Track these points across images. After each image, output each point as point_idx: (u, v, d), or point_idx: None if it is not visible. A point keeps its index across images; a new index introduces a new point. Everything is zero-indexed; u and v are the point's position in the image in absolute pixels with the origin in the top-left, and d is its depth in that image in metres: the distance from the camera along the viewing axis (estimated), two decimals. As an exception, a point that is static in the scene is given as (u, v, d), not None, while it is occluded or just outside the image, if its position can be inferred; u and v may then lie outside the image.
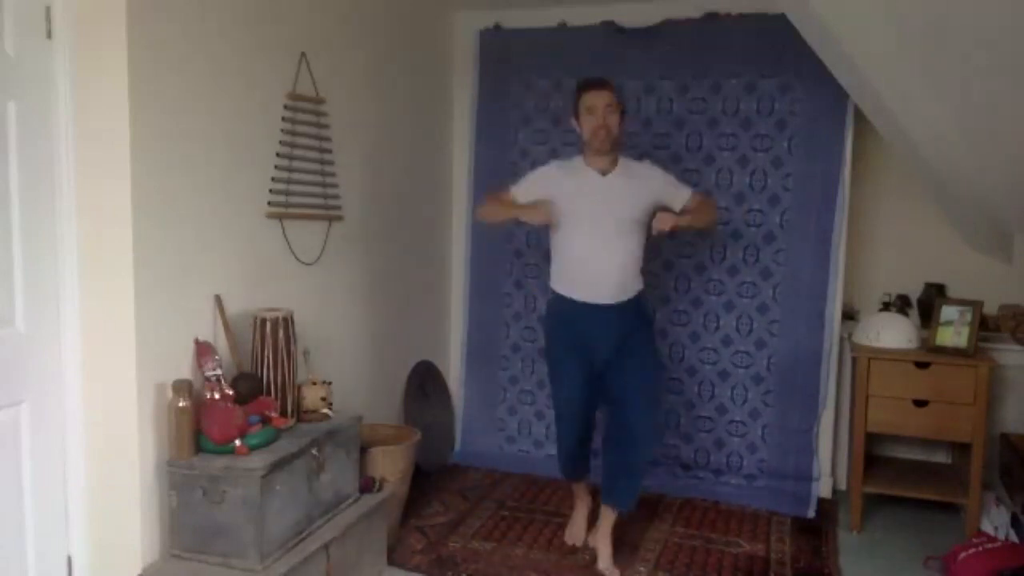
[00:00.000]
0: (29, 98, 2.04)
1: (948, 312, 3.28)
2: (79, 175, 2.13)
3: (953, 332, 3.24)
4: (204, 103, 2.35)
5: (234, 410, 2.24)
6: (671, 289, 3.78)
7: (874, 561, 3.03)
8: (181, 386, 2.19)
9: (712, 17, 3.62)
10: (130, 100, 2.08)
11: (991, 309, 3.47)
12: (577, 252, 2.77)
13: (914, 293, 3.76)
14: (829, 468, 3.68)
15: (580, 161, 2.83)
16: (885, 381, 3.23)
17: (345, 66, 3.10)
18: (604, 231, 2.73)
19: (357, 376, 3.26)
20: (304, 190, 2.85)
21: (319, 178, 2.94)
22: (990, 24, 2.13)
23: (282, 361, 2.47)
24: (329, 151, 3.00)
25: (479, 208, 3.07)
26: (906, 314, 3.62)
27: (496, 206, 2.90)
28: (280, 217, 2.73)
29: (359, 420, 2.74)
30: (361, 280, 3.31)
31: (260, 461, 2.19)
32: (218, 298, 2.43)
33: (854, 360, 3.40)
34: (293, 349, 2.52)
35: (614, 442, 2.86)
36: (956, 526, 3.31)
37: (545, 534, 3.16)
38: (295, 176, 2.79)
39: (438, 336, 4.13)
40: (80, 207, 2.14)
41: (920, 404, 3.20)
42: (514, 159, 3.98)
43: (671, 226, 2.68)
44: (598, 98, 2.72)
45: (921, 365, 3.20)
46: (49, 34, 2.08)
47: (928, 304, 3.56)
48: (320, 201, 2.95)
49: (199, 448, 2.23)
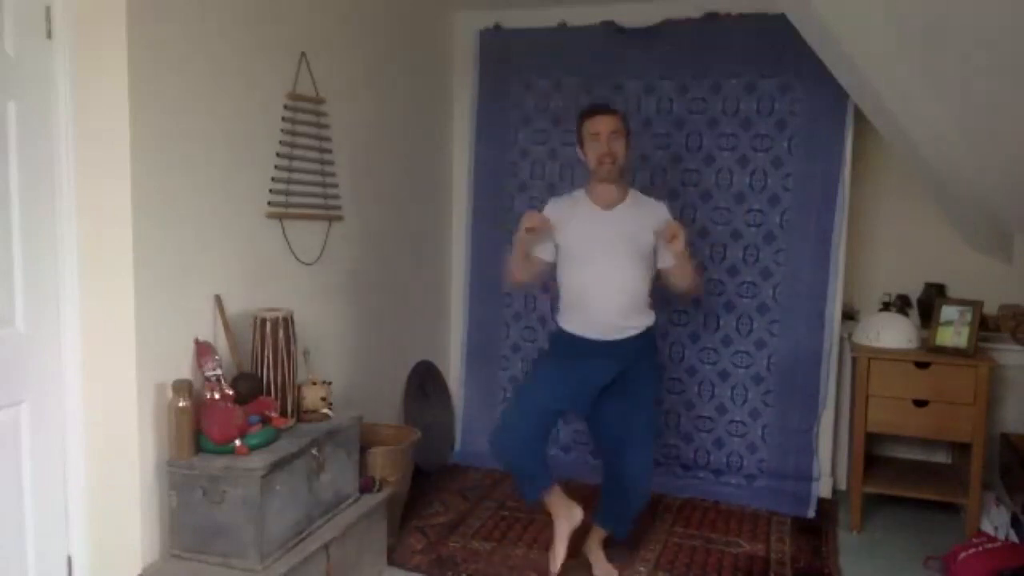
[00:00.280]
0: (29, 98, 2.04)
1: (948, 312, 3.29)
2: (79, 175, 2.14)
3: (953, 332, 3.24)
4: (204, 103, 2.35)
5: (234, 410, 2.25)
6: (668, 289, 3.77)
7: (874, 561, 3.03)
8: (181, 386, 2.19)
9: (712, 17, 3.62)
10: (130, 100, 2.08)
11: (991, 309, 3.47)
12: (583, 292, 2.66)
13: (914, 293, 3.76)
14: (829, 468, 3.68)
15: (581, 195, 2.72)
16: (885, 381, 3.23)
17: (345, 66, 3.10)
18: (611, 270, 2.62)
19: (357, 376, 3.26)
20: (304, 190, 2.85)
21: (319, 178, 2.94)
22: (990, 24, 2.13)
23: (282, 361, 2.47)
24: (329, 151, 3.00)
25: (505, 281, 3.01)
26: (906, 314, 3.62)
27: (511, 262, 2.75)
28: (280, 217, 2.73)
29: (359, 420, 2.74)
30: (362, 280, 3.31)
31: (260, 461, 2.19)
32: (218, 298, 2.43)
33: (854, 360, 3.40)
34: (293, 349, 2.52)
35: (610, 489, 2.79)
36: (956, 526, 3.31)
37: (545, 534, 3.15)
38: (295, 176, 2.79)
39: (438, 336, 4.13)
40: (80, 207, 2.14)
41: (920, 404, 3.20)
42: (514, 159, 3.98)
43: (676, 232, 2.52)
44: (602, 124, 2.60)
45: (921, 365, 3.20)
46: (49, 34, 2.08)
47: (928, 304, 3.56)
48: (320, 201, 2.95)
49: (199, 448, 2.23)
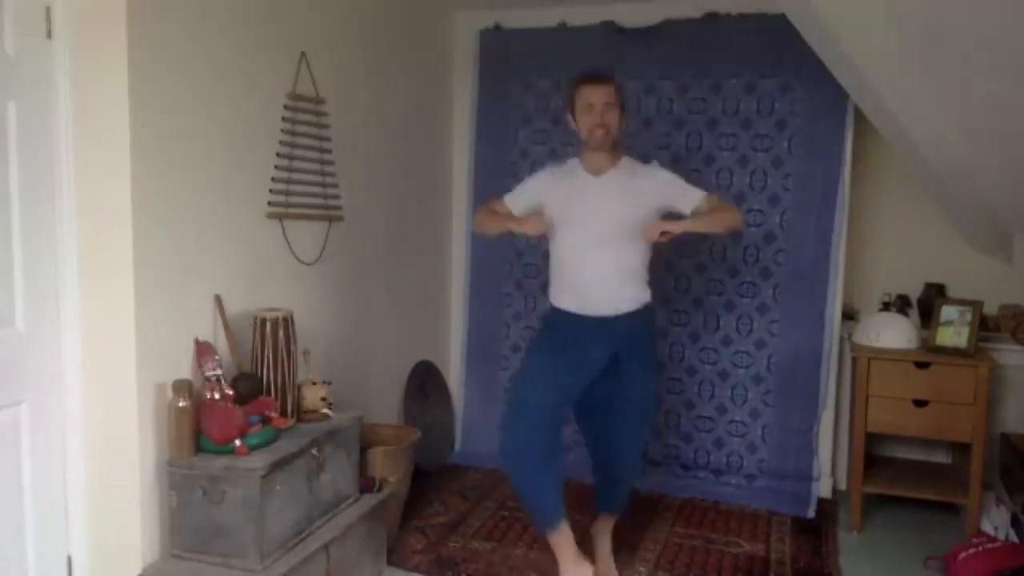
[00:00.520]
0: (29, 98, 2.04)
1: (948, 312, 3.28)
2: (79, 175, 2.14)
3: (953, 332, 3.24)
4: (204, 103, 2.35)
5: (234, 410, 2.24)
6: (671, 289, 3.78)
7: (874, 561, 3.02)
8: (181, 386, 2.19)
9: (712, 17, 3.62)
10: (130, 100, 2.08)
11: (991, 309, 3.47)
12: (571, 259, 2.57)
13: (914, 293, 3.76)
14: (829, 468, 3.68)
15: (575, 163, 2.65)
16: (885, 381, 3.23)
17: (345, 66, 3.10)
18: (599, 236, 2.51)
19: (357, 376, 3.26)
20: (304, 190, 2.85)
21: (319, 178, 2.94)
22: (990, 24, 2.13)
23: (282, 361, 2.47)
24: (329, 151, 3.00)
25: (474, 219, 2.91)
26: (906, 314, 3.62)
27: (490, 217, 2.73)
28: (280, 217, 2.73)
29: (359, 420, 2.74)
30: (361, 280, 3.31)
31: (260, 461, 2.19)
32: (218, 298, 2.43)
33: (854, 360, 3.40)
34: (293, 349, 2.52)
35: (602, 476, 2.79)
36: (956, 526, 3.31)
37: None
38: (295, 176, 2.79)
39: (438, 336, 4.13)
40: (80, 207, 2.14)
41: (920, 404, 3.20)
42: (514, 159, 3.98)
43: (659, 234, 2.45)
44: (596, 94, 2.50)
45: (921, 365, 3.20)
46: (49, 34, 2.08)
47: (928, 304, 3.56)
48: (320, 201, 2.95)
49: (199, 448, 2.23)
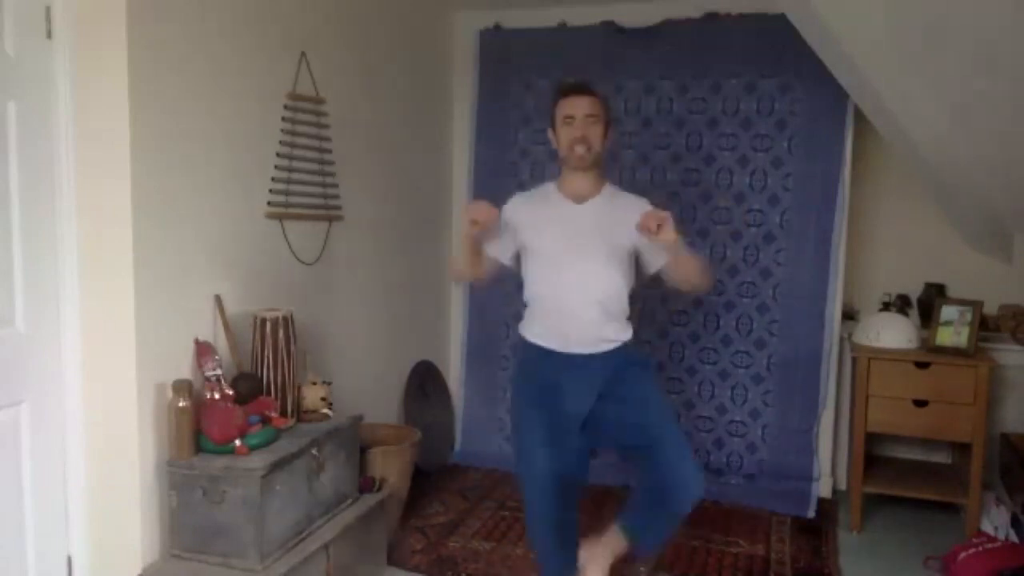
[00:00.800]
0: (29, 98, 2.04)
1: (948, 312, 3.28)
2: (79, 175, 2.14)
3: (953, 332, 3.24)
4: (204, 103, 2.35)
5: (234, 410, 2.24)
6: (671, 289, 3.76)
7: (874, 561, 3.02)
8: (181, 386, 2.19)
9: (712, 17, 3.62)
10: (130, 100, 2.08)
11: (991, 309, 3.47)
12: (545, 293, 2.35)
13: (914, 293, 3.76)
14: (829, 468, 3.68)
15: (551, 187, 2.41)
16: (885, 381, 3.23)
17: (345, 66, 3.10)
18: (578, 271, 2.29)
19: (357, 376, 3.26)
20: (304, 190, 2.85)
21: (319, 178, 2.94)
22: (990, 24, 2.13)
23: (282, 361, 2.47)
24: (329, 151, 3.00)
25: (451, 271, 2.59)
26: (906, 314, 3.62)
27: (460, 256, 2.44)
28: (280, 217, 2.73)
29: (359, 420, 2.74)
30: (361, 280, 3.31)
31: (260, 461, 2.19)
32: (218, 298, 2.43)
33: (854, 360, 3.40)
34: (293, 349, 2.51)
35: (648, 489, 2.29)
36: (956, 526, 3.31)
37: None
38: (295, 176, 2.79)
39: (438, 336, 4.13)
40: (80, 207, 2.14)
41: (920, 404, 3.20)
42: (514, 159, 3.98)
43: (661, 220, 2.09)
44: (577, 106, 2.30)
45: (921, 365, 3.20)
46: (49, 34, 2.08)
47: (928, 304, 3.56)
48: (320, 201, 2.95)
49: (199, 448, 2.23)
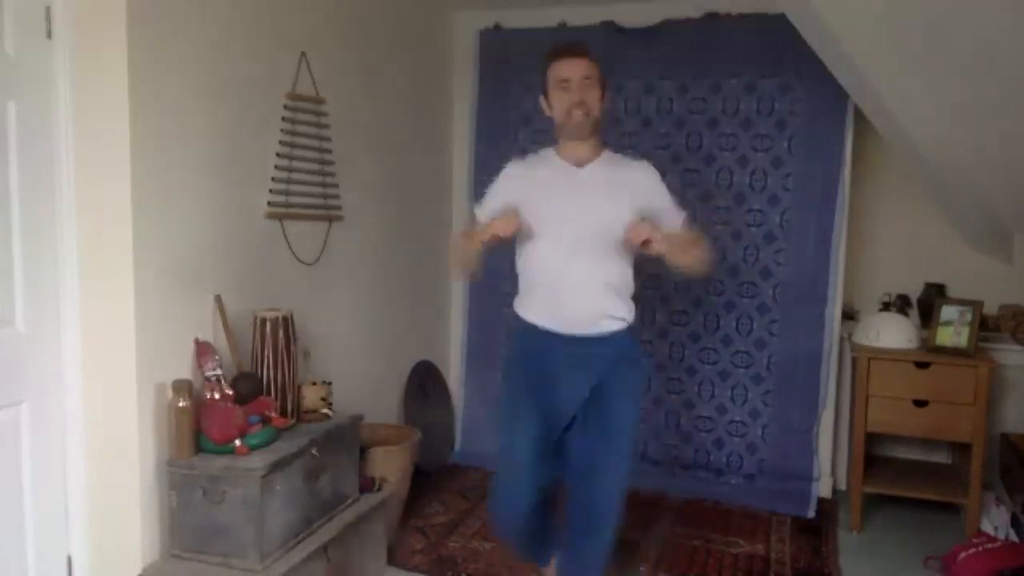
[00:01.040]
0: (29, 98, 2.04)
1: (948, 312, 3.28)
2: (79, 175, 2.14)
3: (953, 332, 3.24)
4: (204, 103, 2.35)
5: (234, 410, 2.24)
6: (671, 289, 3.78)
7: (874, 561, 3.02)
8: (181, 386, 2.19)
9: (712, 17, 3.62)
10: (130, 100, 2.08)
11: (991, 309, 3.47)
12: (544, 264, 2.20)
13: (914, 293, 3.76)
14: (829, 468, 3.68)
15: (550, 152, 2.30)
16: (885, 381, 3.23)
17: (345, 66, 3.10)
18: (581, 238, 2.16)
19: (357, 376, 3.25)
20: (304, 190, 2.85)
21: (319, 178, 2.94)
22: (990, 24, 2.13)
23: (282, 361, 2.47)
24: (329, 151, 2.99)
25: (449, 260, 2.38)
26: (906, 314, 3.62)
27: (463, 245, 2.31)
28: (280, 217, 2.73)
29: (359, 420, 2.74)
30: (361, 280, 3.31)
31: (260, 461, 2.19)
32: (218, 298, 2.43)
33: (854, 360, 3.40)
34: (293, 349, 2.52)
35: (574, 525, 2.35)
36: (956, 526, 3.31)
37: (545, 534, 3.16)
38: (295, 176, 2.79)
39: (438, 336, 4.13)
40: (80, 207, 2.14)
41: (920, 404, 3.20)
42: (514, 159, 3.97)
43: (646, 236, 2.05)
44: (573, 68, 2.16)
45: (921, 365, 3.20)
46: (49, 34, 2.08)
47: (928, 304, 3.56)
48: (320, 201, 2.95)
49: (199, 448, 2.23)
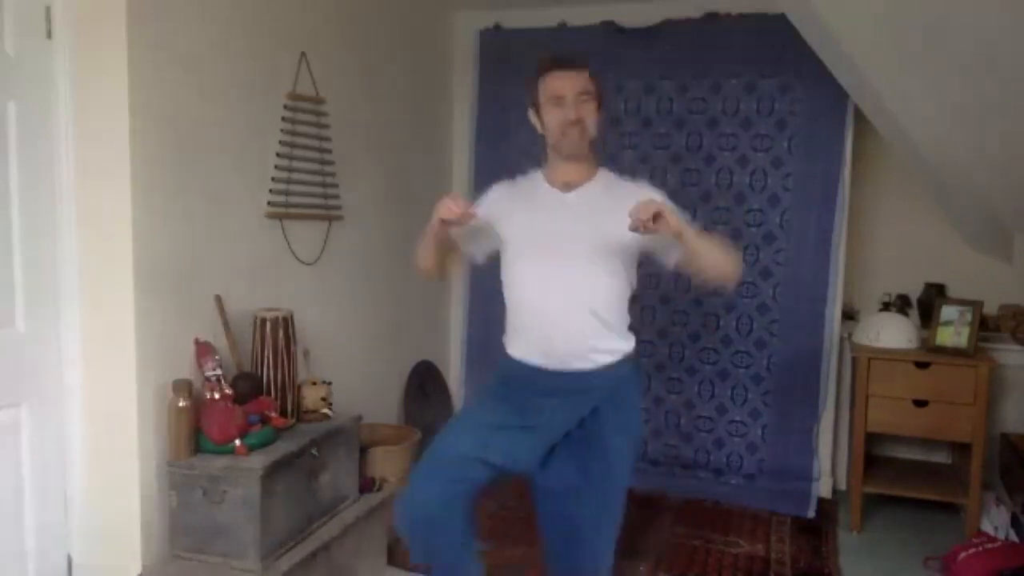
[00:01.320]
0: (29, 98, 2.04)
1: (948, 312, 3.28)
2: (79, 175, 2.14)
3: (953, 332, 3.24)
4: (204, 103, 2.35)
5: (234, 410, 2.24)
6: (671, 288, 3.78)
7: (874, 561, 3.02)
8: (181, 386, 2.19)
9: (712, 17, 3.62)
10: (130, 100, 2.08)
11: (991, 309, 3.47)
12: (530, 297, 2.00)
13: (914, 293, 3.76)
14: (829, 468, 3.68)
15: (538, 176, 2.08)
16: (885, 381, 3.23)
17: (345, 66, 3.10)
18: (566, 268, 1.95)
19: (357, 376, 3.25)
20: (304, 190, 2.85)
21: (319, 178, 2.94)
22: (990, 24, 2.13)
23: (282, 361, 2.47)
24: (329, 151, 3.00)
25: (418, 265, 2.19)
26: (906, 314, 3.62)
27: (422, 246, 2.12)
28: (280, 217, 2.73)
29: (359, 420, 2.74)
30: (361, 280, 3.31)
31: (260, 461, 2.19)
32: (218, 298, 2.43)
33: (854, 360, 3.40)
34: (293, 349, 2.52)
35: None
36: (956, 526, 3.31)
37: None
38: (295, 176, 2.79)
39: (438, 336, 4.13)
40: (80, 207, 2.14)
41: (920, 404, 3.20)
42: (514, 159, 3.97)
43: (655, 211, 1.70)
44: (568, 82, 1.94)
45: (921, 365, 3.20)
46: (49, 34, 2.08)
47: (928, 304, 3.56)
48: (320, 201, 2.95)
49: (199, 448, 2.23)
